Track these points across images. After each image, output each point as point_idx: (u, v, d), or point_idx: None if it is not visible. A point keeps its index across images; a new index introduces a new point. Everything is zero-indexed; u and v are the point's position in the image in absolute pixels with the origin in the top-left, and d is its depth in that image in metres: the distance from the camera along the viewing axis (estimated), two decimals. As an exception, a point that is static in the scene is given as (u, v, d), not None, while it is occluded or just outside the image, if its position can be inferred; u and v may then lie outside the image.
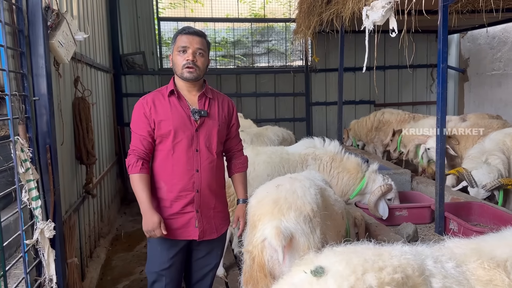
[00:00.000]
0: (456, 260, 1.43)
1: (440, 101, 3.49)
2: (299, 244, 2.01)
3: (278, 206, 2.08)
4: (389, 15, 3.21)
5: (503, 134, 4.57)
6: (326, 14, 5.70)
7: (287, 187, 2.23)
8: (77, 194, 4.11)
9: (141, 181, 2.52)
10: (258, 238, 2.05)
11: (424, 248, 1.52)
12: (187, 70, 2.53)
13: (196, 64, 2.54)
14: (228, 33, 9.17)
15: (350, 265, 1.30)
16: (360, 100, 9.21)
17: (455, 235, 3.53)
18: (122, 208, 7.10)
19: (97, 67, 5.55)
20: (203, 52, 2.58)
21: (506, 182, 4.02)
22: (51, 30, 2.86)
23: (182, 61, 2.54)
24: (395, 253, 1.38)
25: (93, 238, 4.85)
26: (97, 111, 5.45)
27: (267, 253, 2.03)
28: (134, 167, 2.53)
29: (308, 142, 4.43)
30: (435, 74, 9.47)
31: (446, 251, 1.51)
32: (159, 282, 2.66)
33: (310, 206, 2.14)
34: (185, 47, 2.54)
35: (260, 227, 2.06)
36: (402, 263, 1.33)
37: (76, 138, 4.01)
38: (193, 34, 2.56)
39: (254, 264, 2.04)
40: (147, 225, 2.48)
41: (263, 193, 2.26)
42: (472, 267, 1.41)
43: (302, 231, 2.02)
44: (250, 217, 2.23)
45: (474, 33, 8.51)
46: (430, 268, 1.37)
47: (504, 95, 7.86)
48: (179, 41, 2.57)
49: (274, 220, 2.03)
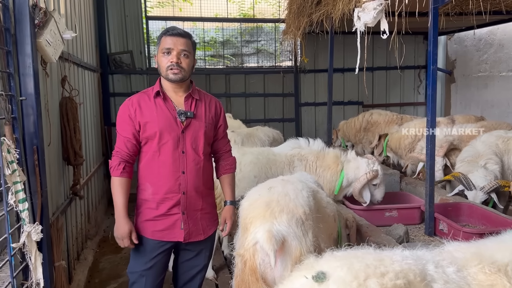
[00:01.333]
0: (457, 265, 1.42)
1: (430, 103, 3.51)
2: (291, 247, 1.99)
3: (271, 209, 2.06)
4: (381, 17, 3.21)
5: (495, 136, 4.60)
6: (316, 15, 5.70)
7: (279, 190, 2.21)
8: (64, 195, 4.03)
9: (120, 186, 2.52)
10: (250, 242, 2.03)
11: (424, 252, 1.50)
12: (171, 72, 2.51)
13: (181, 66, 2.52)
14: (217, 33, 9.13)
15: (352, 271, 1.28)
16: (348, 101, 9.25)
17: (444, 236, 3.56)
18: (109, 209, 7.00)
19: (84, 66, 5.46)
20: (188, 53, 2.55)
21: (503, 184, 4.05)
22: (39, 29, 2.79)
23: (166, 63, 2.51)
24: (397, 258, 1.37)
25: (80, 240, 4.77)
26: (84, 111, 5.36)
27: (259, 257, 2.00)
28: (116, 170, 2.52)
29: (293, 142, 4.42)
30: (423, 75, 9.57)
31: (447, 255, 1.50)
32: (138, 284, 2.62)
33: (303, 208, 2.12)
34: (169, 48, 2.50)
35: (252, 230, 2.04)
36: (404, 268, 1.32)
37: (63, 139, 3.94)
38: (177, 35, 2.52)
39: (245, 268, 2.02)
40: (117, 232, 2.52)
41: (255, 196, 2.24)
42: (473, 272, 1.40)
43: (294, 234, 2.00)
44: (242, 220, 2.20)
45: (460, 35, 8.60)
46: (431, 273, 1.36)
47: (490, 96, 7.97)
48: (163, 42, 2.53)
49: (266, 223, 2.01)
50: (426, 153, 3.63)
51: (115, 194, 2.54)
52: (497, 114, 7.56)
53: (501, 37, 7.60)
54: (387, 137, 6.44)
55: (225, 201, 2.78)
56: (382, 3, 3.17)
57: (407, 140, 6.10)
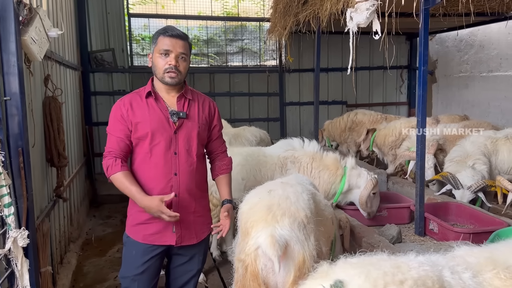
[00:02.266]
0: (472, 270, 1.41)
1: (420, 103, 3.52)
2: (294, 252, 1.95)
3: (272, 213, 2.02)
4: (373, 17, 3.20)
5: (484, 137, 4.66)
6: (302, 15, 5.68)
7: (280, 193, 2.17)
8: (48, 198, 3.91)
9: (126, 177, 2.42)
10: (251, 246, 1.98)
11: (438, 257, 1.48)
12: (168, 75, 2.45)
13: (178, 69, 2.47)
14: (201, 31, 9.03)
15: (370, 279, 1.25)
16: (332, 101, 9.28)
17: (435, 235, 3.58)
18: (91, 211, 6.85)
19: (65, 65, 5.31)
20: (186, 57, 2.51)
21: (490, 183, 4.10)
22: (23, 26, 2.68)
23: (164, 65, 2.45)
24: (413, 265, 1.34)
25: (64, 243, 4.64)
26: (65, 110, 5.22)
27: (261, 262, 1.96)
28: (114, 166, 2.43)
29: (286, 143, 4.30)
30: (405, 75, 9.70)
31: (460, 260, 1.48)
32: None
33: (304, 212, 2.09)
34: (167, 50, 2.44)
35: (253, 234, 1.99)
36: (421, 275, 1.29)
37: (46, 140, 3.82)
38: (177, 37, 2.46)
39: (247, 273, 1.97)
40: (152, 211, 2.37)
41: (255, 199, 2.19)
42: (488, 277, 1.39)
43: (297, 239, 1.97)
44: (242, 224, 2.15)
45: (442, 36, 8.73)
46: (448, 279, 1.34)
47: (471, 96, 8.11)
48: (161, 42, 2.46)
49: (268, 227, 1.96)
50: (416, 153, 3.65)
51: (126, 186, 2.41)
52: (477, 113, 7.70)
53: (482, 38, 7.74)
54: (375, 132, 6.49)
55: (222, 201, 2.72)
56: (374, 3, 3.16)
57: (391, 138, 6.16)
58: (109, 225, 6.18)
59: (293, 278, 1.90)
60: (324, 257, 2.18)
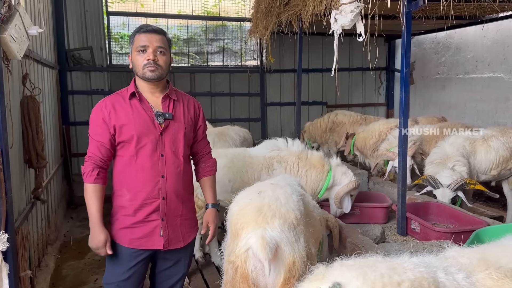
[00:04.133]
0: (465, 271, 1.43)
1: (403, 105, 3.57)
2: (284, 253, 1.95)
3: (262, 214, 2.01)
4: (357, 20, 3.23)
5: (463, 138, 4.77)
6: (285, 16, 5.69)
7: (270, 194, 2.16)
8: (26, 200, 3.80)
9: (94, 193, 2.39)
10: (241, 248, 1.96)
11: (431, 258, 1.50)
12: (148, 69, 2.40)
13: (158, 63, 2.42)
14: (180, 30, 8.96)
15: (368, 281, 1.26)
16: (313, 101, 9.35)
17: (416, 235, 3.64)
18: (68, 212, 6.71)
19: (43, 63, 5.17)
20: (164, 50, 2.45)
21: (469, 181, 4.20)
22: (2, 23, 2.59)
23: (142, 61, 2.41)
24: (408, 266, 1.36)
25: (41, 246, 4.52)
26: (43, 109, 5.07)
27: (251, 263, 1.94)
28: (89, 176, 2.38)
29: (271, 144, 4.29)
30: (383, 76, 9.86)
31: (452, 261, 1.51)
32: None
33: (294, 213, 2.08)
34: (144, 46, 2.40)
35: (243, 236, 1.98)
36: (417, 276, 1.31)
37: (24, 140, 3.71)
38: (152, 32, 2.43)
39: (236, 275, 1.96)
40: (92, 242, 2.40)
41: (245, 200, 2.18)
42: (481, 278, 1.42)
43: (287, 240, 1.96)
44: (232, 225, 2.13)
45: (420, 38, 8.90)
46: (443, 280, 1.36)
47: (447, 97, 8.29)
48: (137, 40, 2.42)
49: (258, 228, 1.95)
50: (398, 154, 3.69)
51: (89, 201, 2.40)
52: (454, 115, 7.89)
53: (458, 41, 7.93)
54: (354, 136, 6.56)
55: (206, 204, 2.70)
56: (359, 6, 3.19)
57: (371, 140, 6.25)
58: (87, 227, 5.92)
59: (283, 280, 1.90)
60: (313, 259, 2.18)
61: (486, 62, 7.38)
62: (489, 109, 7.36)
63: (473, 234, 3.04)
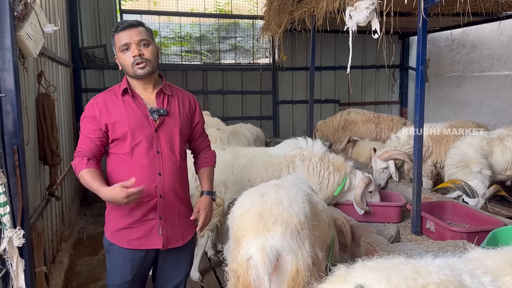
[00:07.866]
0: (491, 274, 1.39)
1: (418, 103, 3.53)
2: (287, 262, 1.90)
3: (264, 221, 1.96)
4: (372, 16, 3.19)
5: (479, 139, 4.66)
6: (298, 13, 5.66)
7: (272, 197, 2.10)
8: (41, 197, 3.84)
9: (89, 174, 2.27)
10: (242, 257, 1.92)
11: (455, 260, 1.46)
12: (138, 67, 2.32)
13: (145, 58, 2.33)
14: (193, 28, 8.97)
15: (392, 284, 1.23)
16: (325, 99, 9.30)
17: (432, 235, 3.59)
18: (82, 209, 6.77)
19: (57, 61, 5.22)
20: (147, 42, 2.36)
21: (497, 189, 4.14)
22: (19, 21, 2.62)
23: (129, 59, 2.33)
24: (433, 269, 1.32)
25: (56, 242, 4.57)
26: (57, 107, 5.13)
27: (253, 272, 1.90)
28: (80, 165, 2.30)
29: (293, 143, 4.26)
30: (397, 74, 9.75)
31: (477, 263, 1.47)
32: None
33: (298, 217, 2.02)
34: (126, 43, 2.32)
35: (244, 244, 1.93)
36: (442, 279, 1.27)
37: (39, 137, 3.75)
38: (129, 27, 2.34)
39: (239, 284, 1.92)
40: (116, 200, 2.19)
41: (246, 205, 2.12)
42: (508, 281, 1.38)
43: (289, 248, 1.90)
44: (233, 231, 2.08)
45: (434, 35, 8.78)
46: (468, 283, 1.32)
47: (462, 96, 8.18)
48: (118, 40, 2.35)
49: (259, 237, 1.90)
50: (414, 153, 3.65)
51: (88, 183, 2.27)
52: (469, 113, 7.77)
53: (474, 38, 7.81)
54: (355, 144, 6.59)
55: (202, 191, 2.62)
56: (374, 2, 3.15)
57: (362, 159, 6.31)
58: (101, 223, 6.08)
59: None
60: (320, 264, 2.13)
61: (502, 60, 7.25)
62: (505, 107, 7.24)
63: (490, 234, 2.99)
